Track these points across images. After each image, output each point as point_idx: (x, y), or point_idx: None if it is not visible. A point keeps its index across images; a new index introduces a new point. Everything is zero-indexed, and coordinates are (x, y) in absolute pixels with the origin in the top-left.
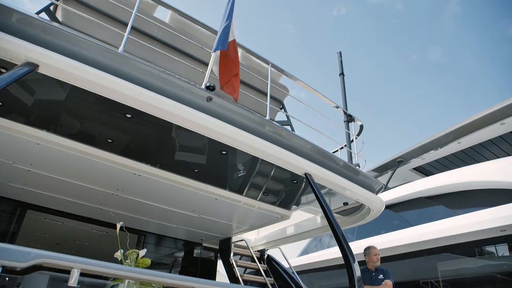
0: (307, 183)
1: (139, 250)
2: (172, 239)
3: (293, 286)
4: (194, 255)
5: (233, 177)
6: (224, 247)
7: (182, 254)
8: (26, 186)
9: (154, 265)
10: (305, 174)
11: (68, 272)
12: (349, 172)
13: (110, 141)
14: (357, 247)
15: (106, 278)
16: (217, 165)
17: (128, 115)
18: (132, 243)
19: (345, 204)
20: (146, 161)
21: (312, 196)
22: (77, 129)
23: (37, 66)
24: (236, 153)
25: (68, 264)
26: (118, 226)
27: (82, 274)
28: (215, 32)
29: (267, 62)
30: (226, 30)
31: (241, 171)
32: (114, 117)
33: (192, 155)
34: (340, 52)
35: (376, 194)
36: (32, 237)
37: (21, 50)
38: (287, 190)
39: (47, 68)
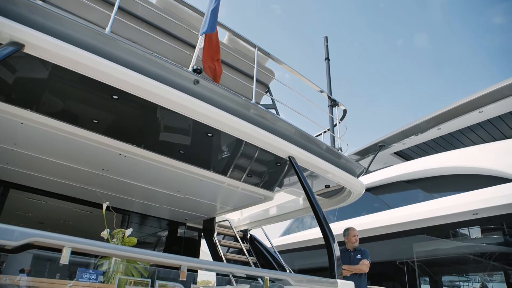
0: (291, 166)
1: (125, 229)
2: (156, 218)
3: (275, 265)
4: (178, 234)
5: (218, 158)
6: (208, 227)
7: (166, 233)
8: (9, 165)
9: (138, 244)
10: (289, 157)
11: (57, 250)
12: (332, 155)
13: (96, 121)
14: (337, 228)
15: (94, 257)
16: (202, 146)
17: (115, 97)
18: (117, 223)
19: (327, 186)
20: (132, 142)
21: (295, 178)
22: (63, 109)
23: (22, 46)
24: (221, 135)
25: (59, 242)
26: (104, 206)
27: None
28: (202, 14)
29: (253, 45)
30: (215, 12)
31: (226, 153)
32: (100, 98)
33: (178, 136)
34: (326, 37)
35: (357, 177)
36: (14, 216)
37: (6, 29)
38: (270, 172)
39: (33, 48)
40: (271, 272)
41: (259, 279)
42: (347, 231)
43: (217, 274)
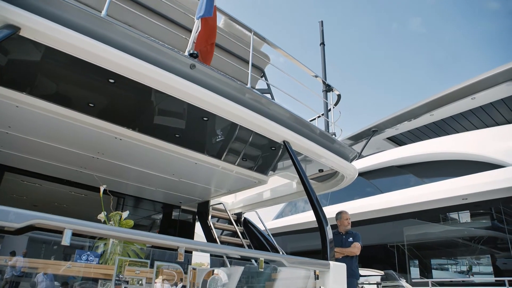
0: (285, 150)
1: (121, 212)
2: (151, 201)
3: (268, 247)
4: (173, 217)
5: (213, 142)
6: (202, 210)
7: (160, 216)
8: (4, 148)
9: (133, 227)
10: (284, 141)
11: (57, 232)
12: (326, 140)
13: (92, 105)
14: (330, 211)
15: (90, 238)
16: (198, 130)
17: (111, 80)
18: (112, 206)
19: (320, 171)
20: (128, 126)
21: (288, 162)
22: (58, 92)
23: (18, 29)
24: (217, 119)
25: (61, 224)
26: (102, 189)
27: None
28: None
29: (249, 29)
30: None
31: (222, 137)
32: (96, 81)
33: (173, 120)
34: (322, 22)
35: (350, 162)
36: (8, 199)
37: (2, 12)
38: (264, 156)
39: (29, 32)
40: (266, 254)
41: (253, 261)
42: (339, 214)
43: (211, 255)
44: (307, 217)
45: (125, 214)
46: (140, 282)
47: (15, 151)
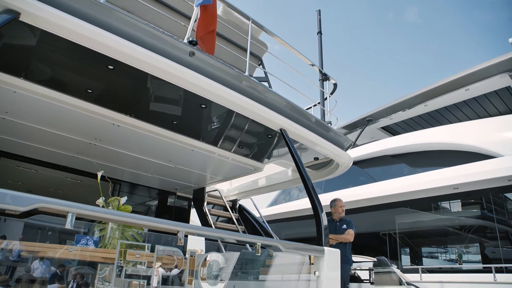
0: (281, 138)
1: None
2: (147, 188)
3: (263, 233)
4: (168, 203)
5: (211, 129)
6: (198, 197)
7: (156, 202)
8: (0, 134)
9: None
10: (281, 129)
11: (62, 216)
12: (322, 129)
13: (90, 91)
14: (324, 199)
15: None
16: (195, 117)
17: (110, 67)
18: (106, 192)
19: (316, 159)
20: (126, 112)
21: (284, 150)
22: (57, 78)
23: (18, 14)
24: (215, 106)
25: (64, 208)
26: (99, 174)
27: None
28: None
29: (247, 17)
30: None
31: (219, 124)
32: (95, 67)
33: (171, 107)
34: (319, 10)
35: (345, 150)
36: (3, 184)
37: None
38: (261, 144)
39: (29, 17)
40: (264, 239)
41: (248, 247)
42: (334, 202)
43: (206, 239)
44: (300, 204)
45: (123, 199)
46: (141, 264)
47: (11, 136)
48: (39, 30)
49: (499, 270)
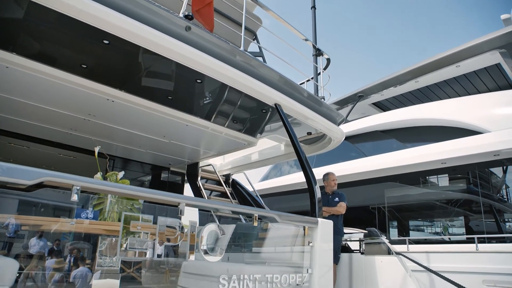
0: (274, 112)
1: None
2: (140, 163)
3: (256, 207)
4: (162, 179)
5: (206, 104)
6: (192, 172)
7: (149, 178)
8: None
9: None
10: (275, 104)
11: (67, 189)
12: (315, 104)
13: (85, 66)
14: (316, 173)
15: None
16: (190, 92)
17: (105, 41)
18: (102, 167)
19: (309, 133)
20: (120, 87)
21: (277, 124)
22: (50, 53)
23: None
24: (211, 81)
25: (69, 182)
26: (96, 150)
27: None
28: None
29: None
30: None
31: (214, 99)
32: (90, 42)
33: (166, 82)
34: None
35: (338, 125)
36: None
37: None
38: (254, 118)
39: None
40: (261, 210)
41: (242, 219)
42: (326, 175)
43: (200, 210)
44: (292, 179)
45: (120, 174)
46: (144, 235)
47: (3, 113)
48: (31, 2)
49: (482, 241)
